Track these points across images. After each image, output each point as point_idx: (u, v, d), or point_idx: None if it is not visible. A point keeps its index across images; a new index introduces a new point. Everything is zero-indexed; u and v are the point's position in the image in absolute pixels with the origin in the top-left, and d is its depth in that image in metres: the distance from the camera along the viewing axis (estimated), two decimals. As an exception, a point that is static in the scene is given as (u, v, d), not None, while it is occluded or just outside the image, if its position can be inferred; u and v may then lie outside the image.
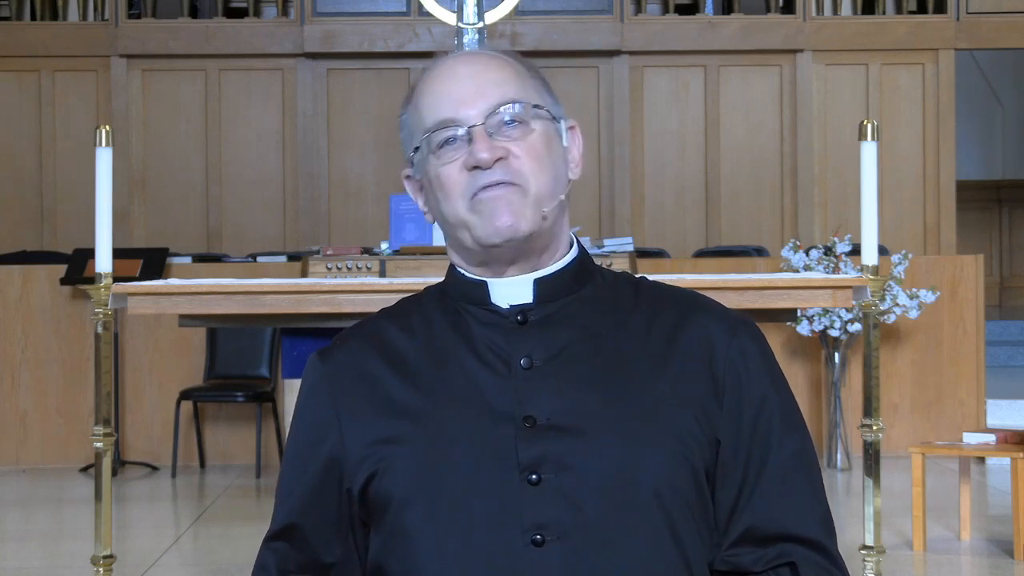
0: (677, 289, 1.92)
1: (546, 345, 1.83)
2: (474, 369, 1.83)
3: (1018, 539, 5.91)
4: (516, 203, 1.80)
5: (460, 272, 1.89)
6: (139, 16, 10.93)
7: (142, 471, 8.60)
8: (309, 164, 10.86)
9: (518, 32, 10.69)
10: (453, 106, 1.82)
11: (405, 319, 1.90)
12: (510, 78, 1.84)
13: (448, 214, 1.83)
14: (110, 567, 4.42)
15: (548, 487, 1.76)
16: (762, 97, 10.92)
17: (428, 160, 1.84)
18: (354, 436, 1.84)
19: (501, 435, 1.78)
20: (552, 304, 1.86)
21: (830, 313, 8.07)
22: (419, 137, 1.85)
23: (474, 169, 1.80)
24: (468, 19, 7.17)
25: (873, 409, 4.54)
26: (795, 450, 1.85)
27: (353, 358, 1.88)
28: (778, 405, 1.85)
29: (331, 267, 7.65)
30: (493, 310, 1.86)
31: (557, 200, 1.83)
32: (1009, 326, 12.09)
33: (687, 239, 10.79)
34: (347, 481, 1.85)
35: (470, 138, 1.81)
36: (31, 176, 10.78)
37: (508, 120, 1.82)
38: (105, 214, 4.41)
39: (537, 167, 1.82)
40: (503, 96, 1.82)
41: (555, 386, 1.81)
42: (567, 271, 1.87)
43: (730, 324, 1.87)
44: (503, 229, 1.79)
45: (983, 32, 10.97)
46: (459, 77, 1.84)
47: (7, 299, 8.75)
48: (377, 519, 1.83)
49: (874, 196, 4.53)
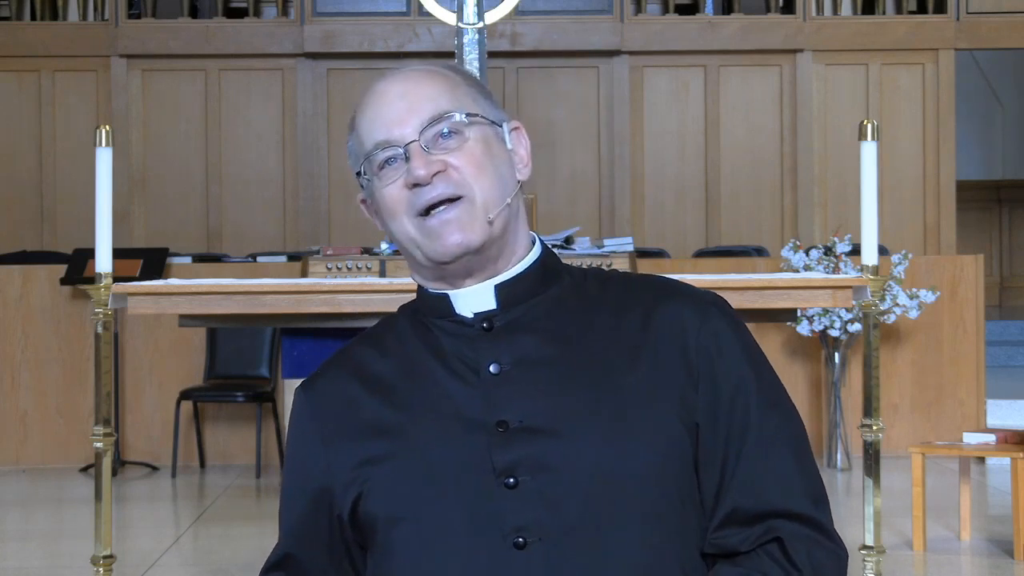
0: (645, 277, 1.91)
1: (513, 349, 1.83)
2: (444, 380, 1.84)
3: (1018, 539, 5.91)
4: (464, 218, 1.80)
5: (423, 289, 1.90)
6: (139, 16, 10.93)
7: (142, 471, 8.60)
8: (309, 164, 10.86)
9: (518, 32, 10.70)
10: (387, 127, 1.82)
11: (379, 341, 1.92)
12: (442, 91, 1.84)
13: (397, 233, 1.84)
14: (110, 567, 4.43)
15: (526, 489, 1.76)
16: (762, 97, 10.92)
17: (373, 183, 1.85)
18: (339, 462, 1.86)
19: (475, 442, 1.79)
20: (517, 308, 1.85)
21: (830, 313, 8.07)
22: (360, 160, 1.86)
23: (415, 187, 1.80)
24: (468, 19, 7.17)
25: (873, 409, 4.54)
26: (776, 424, 1.82)
27: (334, 386, 1.90)
28: (754, 382, 1.83)
29: (331, 267, 7.64)
30: (459, 321, 1.86)
31: (504, 204, 1.83)
32: (1009, 326, 12.09)
33: (687, 239, 10.79)
34: (337, 507, 1.86)
35: (407, 156, 1.81)
36: (31, 176, 10.78)
37: (444, 132, 1.82)
38: (105, 214, 4.41)
39: (478, 173, 1.81)
40: (435, 109, 1.82)
41: (526, 389, 1.81)
42: (529, 273, 1.87)
43: (701, 307, 1.86)
44: (452, 247, 1.80)
45: (983, 32, 10.97)
46: (391, 97, 1.84)
47: (7, 299, 8.75)
48: (369, 540, 1.85)
49: (874, 196, 4.53)
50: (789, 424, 1.84)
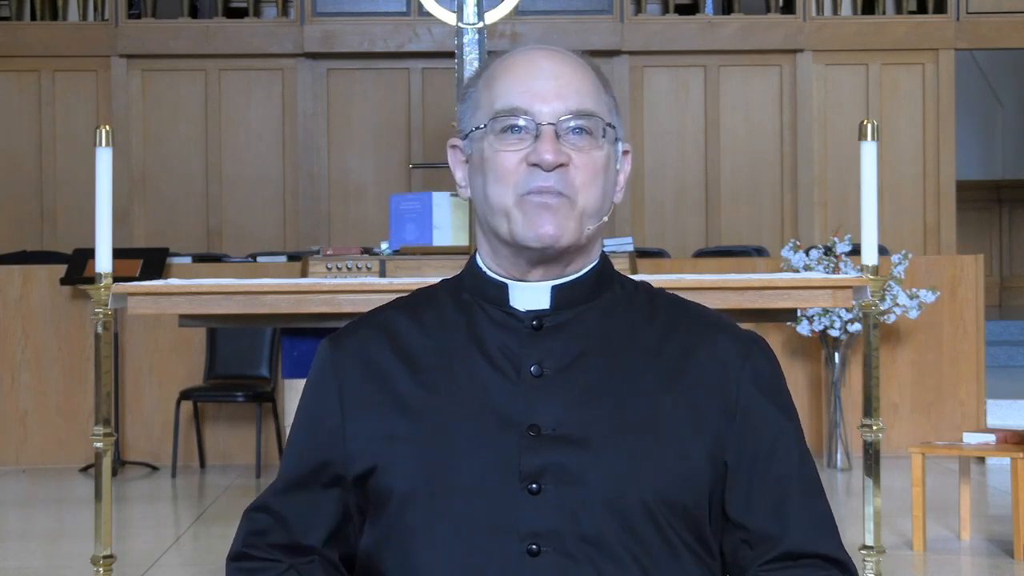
0: (694, 305, 1.92)
1: (558, 353, 1.83)
2: (483, 372, 1.83)
3: (1018, 539, 5.91)
4: (562, 215, 1.80)
5: (482, 269, 1.89)
6: (139, 16, 10.93)
7: (142, 471, 8.60)
8: (309, 164, 10.86)
9: (518, 32, 10.69)
10: (529, 98, 1.82)
11: (417, 313, 1.90)
12: (591, 89, 1.84)
13: (493, 198, 1.83)
14: (110, 567, 4.43)
15: (548, 497, 1.76)
16: (762, 97, 10.92)
17: (486, 139, 1.84)
18: (357, 424, 1.84)
19: (505, 442, 1.78)
20: (568, 312, 1.86)
21: (830, 313, 8.07)
22: (484, 116, 1.84)
23: (533, 166, 1.80)
24: (468, 19, 7.17)
25: (873, 409, 4.54)
26: (812, 468, 1.88)
27: (362, 346, 1.88)
28: (792, 426, 1.87)
29: (331, 267, 7.65)
30: (510, 312, 1.85)
31: (600, 220, 1.84)
32: (1009, 326, 12.08)
33: (687, 239, 10.79)
34: (343, 468, 1.85)
35: (537, 135, 1.81)
36: (31, 176, 10.78)
37: (579, 129, 1.82)
38: (105, 214, 4.41)
39: (591, 183, 1.82)
40: (581, 104, 1.82)
41: (564, 396, 1.81)
42: (586, 279, 1.87)
43: (745, 345, 1.87)
44: (543, 237, 1.80)
45: (983, 32, 10.97)
46: (541, 71, 1.83)
47: (7, 299, 8.75)
48: (374, 512, 1.83)
49: (874, 196, 4.53)
50: (815, 471, 1.89)
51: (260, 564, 1.86)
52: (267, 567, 1.85)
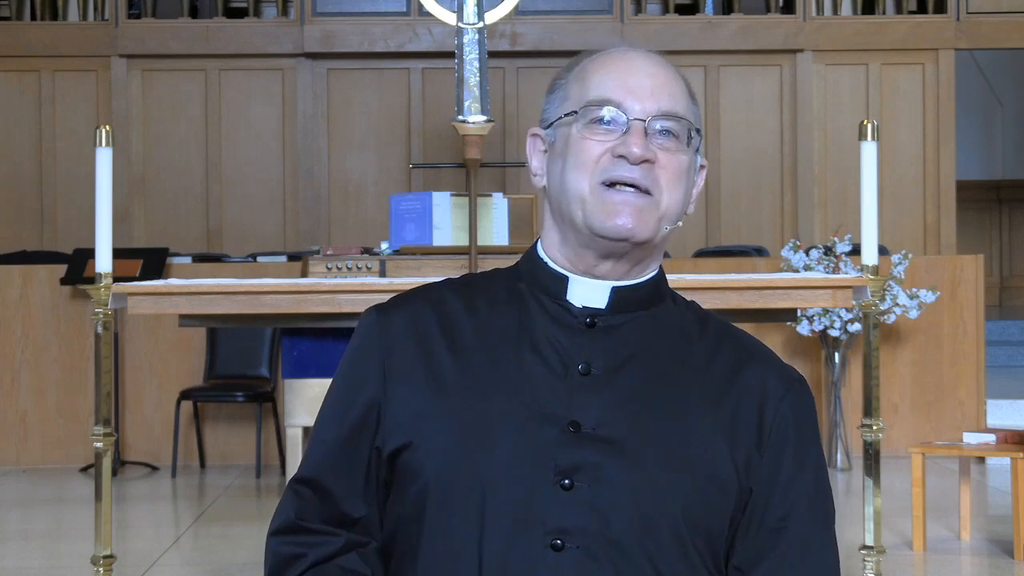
0: (741, 332, 1.94)
1: (608, 354, 1.84)
2: (531, 364, 1.83)
3: (1018, 539, 5.91)
4: (643, 210, 1.81)
5: (543, 260, 1.88)
6: (139, 16, 10.93)
7: (142, 471, 8.60)
8: (309, 164, 10.86)
9: (518, 32, 10.70)
10: (623, 92, 1.82)
11: (469, 295, 1.89)
12: (683, 95, 1.86)
13: (570, 183, 1.83)
14: (110, 567, 4.43)
15: (579, 495, 1.76)
16: (762, 97, 10.92)
17: (573, 127, 1.84)
18: (397, 397, 1.83)
19: (544, 435, 1.78)
20: (622, 315, 1.86)
21: (830, 313, 8.07)
22: (575, 104, 1.85)
23: (619, 157, 1.80)
24: (468, 19, 7.17)
25: (873, 409, 4.54)
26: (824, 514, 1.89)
27: (411, 319, 1.87)
28: (814, 469, 1.89)
29: (331, 267, 7.65)
30: (565, 306, 1.86)
31: (675, 224, 1.85)
32: (1009, 326, 12.08)
33: (687, 239, 10.78)
34: (379, 439, 1.84)
35: (627, 129, 1.81)
36: (31, 176, 10.78)
37: (667, 131, 1.83)
38: (105, 214, 4.41)
39: (674, 184, 1.83)
40: (673, 107, 1.83)
41: (608, 397, 1.81)
42: (645, 286, 1.88)
43: (786, 380, 1.90)
44: (620, 228, 1.80)
45: (983, 32, 10.97)
46: (637, 69, 1.85)
47: (7, 299, 8.75)
48: (401, 487, 1.82)
49: (874, 196, 4.54)
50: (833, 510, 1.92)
51: (318, 538, 1.84)
52: (325, 540, 1.84)
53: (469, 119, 7.13)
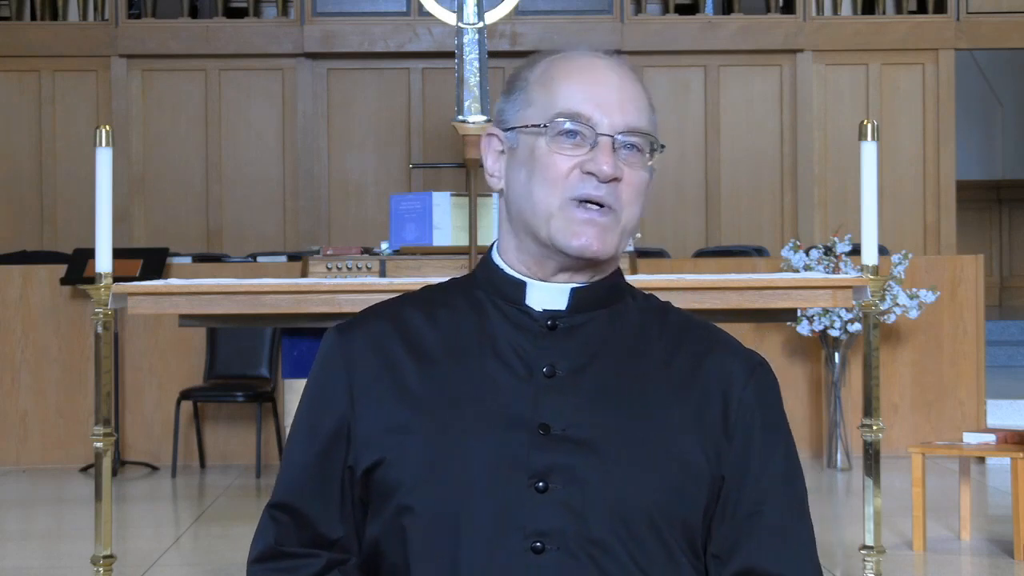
0: (702, 322, 1.95)
1: (572, 355, 1.84)
2: (495, 370, 1.83)
3: (1018, 539, 5.91)
4: (607, 229, 1.82)
5: (499, 266, 1.89)
6: (139, 16, 10.93)
7: (142, 471, 8.60)
8: (309, 164, 10.86)
9: (518, 32, 10.70)
10: (594, 105, 1.82)
11: (429, 308, 1.89)
12: (646, 107, 1.88)
13: (538, 199, 1.82)
14: (110, 567, 4.43)
15: (555, 496, 1.77)
16: (762, 97, 10.92)
17: (540, 139, 1.83)
18: (366, 415, 1.84)
19: (514, 439, 1.79)
20: (582, 315, 1.87)
21: (830, 313, 8.07)
22: (540, 114, 1.83)
23: (588, 174, 1.81)
24: (468, 19, 7.17)
25: (873, 409, 4.54)
26: (800, 492, 1.89)
27: (372, 336, 1.87)
28: (784, 451, 1.88)
29: (331, 267, 7.65)
30: (524, 311, 1.86)
31: (633, 235, 1.90)
32: (1009, 326, 12.08)
33: (687, 239, 10.79)
34: (351, 458, 1.84)
35: (594, 144, 1.81)
36: (31, 176, 10.78)
37: (633, 146, 1.84)
38: (105, 214, 4.42)
39: (634, 200, 1.84)
40: (639, 121, 1.85)
41: (574, 398, 1.82)
42: (603, 285, 1.89)
43: (750, 365, 1.89)
44: (585, 248, 1.81)
45: (983, 32, 10.97)
46: (605, 79, 1.84)
47: (7, 299, 8.75)
48: (379, 504, 1.83)
49: (874, 196, 4.54)
50: (804, 496, 1.90)
51: (299, 561, 1.85)
52: (306, 563, 1.85)
53: (469, 119, 7.13)
